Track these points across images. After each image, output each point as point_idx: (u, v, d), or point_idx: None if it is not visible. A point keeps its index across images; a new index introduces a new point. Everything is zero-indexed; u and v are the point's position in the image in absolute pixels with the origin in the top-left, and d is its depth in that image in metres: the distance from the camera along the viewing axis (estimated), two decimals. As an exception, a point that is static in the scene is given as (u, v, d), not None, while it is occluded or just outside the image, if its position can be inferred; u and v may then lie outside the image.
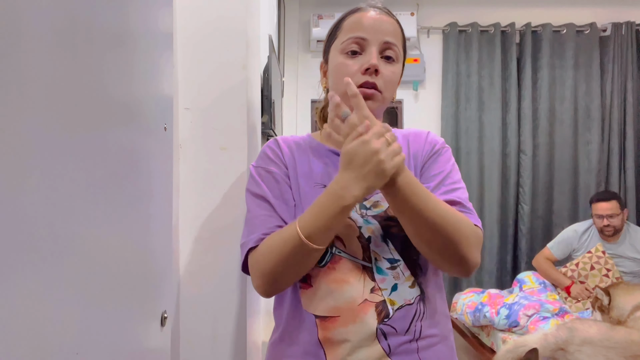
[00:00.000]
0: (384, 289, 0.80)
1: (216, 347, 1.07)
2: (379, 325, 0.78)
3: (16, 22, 0.39)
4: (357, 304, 0.79)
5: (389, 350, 0.78)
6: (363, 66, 0.83)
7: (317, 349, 0.80)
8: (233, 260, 1.07)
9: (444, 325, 0.85)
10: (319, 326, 0.80)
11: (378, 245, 0.82)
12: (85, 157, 0.51)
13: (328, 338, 0.79)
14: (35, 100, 0.42)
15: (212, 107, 1.08)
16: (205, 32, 1.08)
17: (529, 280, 2.65)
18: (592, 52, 3.27)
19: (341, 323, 0.79)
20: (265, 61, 1.63)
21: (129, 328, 0.65)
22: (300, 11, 3.29)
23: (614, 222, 2.59)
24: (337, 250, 0.81)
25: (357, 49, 0.85)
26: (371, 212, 0.84)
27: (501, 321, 2.33)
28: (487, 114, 3.27)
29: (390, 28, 0.86)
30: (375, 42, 0.84)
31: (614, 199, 2.61)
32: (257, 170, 0.90)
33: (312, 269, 0.81)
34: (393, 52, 0.86)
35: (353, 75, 0.83)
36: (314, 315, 0.81)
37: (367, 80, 0.83)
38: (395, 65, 0.87)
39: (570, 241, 2.71)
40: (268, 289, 0.81)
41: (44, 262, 0.44)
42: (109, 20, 0.57)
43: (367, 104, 0.82)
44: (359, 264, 0.81)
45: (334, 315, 0.79)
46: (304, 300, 0.83)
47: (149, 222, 0.74)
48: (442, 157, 0.89)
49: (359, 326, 0.78)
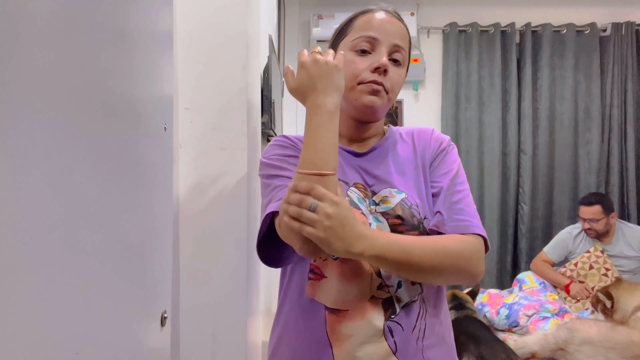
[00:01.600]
0: (391, 286, 0.81)
1: (216, 347, 1.07)
2: (386, 322, 0.79)
3: (16, 22, 0.39)
4: (366, 300, 0.79)
5: (395, 349, 0.79)
6: (373, 65, 0.84)
7: (324, 342, 0.80)
8: (233, 260, 1.07)
9: (445, 325, 0.87)
10: (328, 319, 0.81)
11: None
12: (85, 157, 0.51)
13: (336, 331, 0.80)
14: (35, 100, 0.42)
15: (212, 107, 1.08)
16: (205, 32, 1.08)
17: (529, 280, 2.65)
18: (592, 52, 3.27)
19: (349, 317, 0.79)
20: (265, 61, 1.63)
21: (129, 328, 0.65)
22: (300, 11, 3.29)
23: (595, 227, 2.60)
24: None
25: (367, 47, 0.86)
26: (380, 209, 0.84)
27: (501, 321, 2.33)
28: (487, 114, 3.27)
29: (400, 32, 0.88)
30: (385, 43, 0.85)
31: (597, 204, 2.60)
32: (268, 158, 0.88)
33: (325, 260, 0.81)
34: (401, 56, 0.87)
35: (361, 73, 0.84)
36: (324, 306, 0.81)
37: (375, 79, 0.84)
38: (401, 68, 0.88)
39: (566, 243, 2.73)
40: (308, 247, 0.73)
41: (44, 262, 0.44)
42: (109, 20, 0.57)
43: (373, 100, 0.84)
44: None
45: (343, 309, 0.80)
46: (313, 290, 0.82)
47: (148, 222, 0.74)
48: (449, 156, 0.89)
49: (366, 322, 0.79)
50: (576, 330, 1.74)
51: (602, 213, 2.59)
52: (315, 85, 0.76)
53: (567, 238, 2.73)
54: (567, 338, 1.73)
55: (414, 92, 3.36)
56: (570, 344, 1.71)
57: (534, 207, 3.26)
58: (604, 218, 2.58)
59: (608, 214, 2.59)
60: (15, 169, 0.39)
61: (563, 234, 2.77)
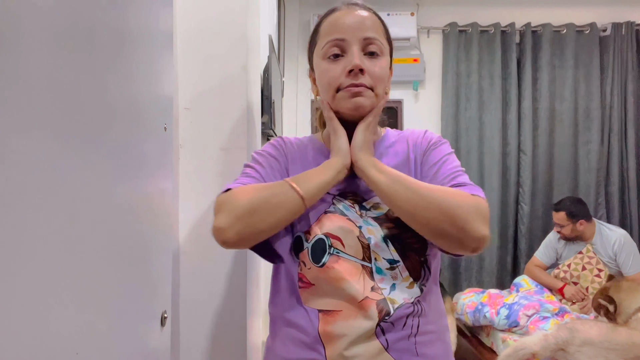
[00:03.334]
0: (384, 288, 0.80)
1: (216, 347, 1.07)
2: (380, 323, 0.78)
3: (16, 22, 0.39)
4: (359, 301, 0.79)
5: (387, 345, 0.78)
6: (346, 68, 0.81)
7: (317, 342, 0.80)
8: (233, 260, 1.07)
9: (440, 323, 0.86)
10: (321, 319, 0.80)
11: (378, 245, 0.81)
12: (85, 157, 0.51)
13: (328, 332, 0.79)
14: (35, 101, 0.42)
15: (212, 107, 1.08)
16: (205, 32, 1.08)
17: (525, 283, 2.66)
18: (592, 52, 3.27)
19: (342, 317, 0.79)
20: (265, 61, 1.63)
21: (129, 328, 0.65)
22: (300, 11, 3.29)
23: (562, 231, 2.64)
24: (335, 251, 0.81)
25: (338, 51, 0.83)
26: (371, 214, 0.84)
27: (501, 321, 2.33)
28: (487, 113, 3.27)
29: (368, 23, 0.84)
30: (355, 41, 0.82)
31: (562, 210, 2.63)
32: (257, 152, 0.91)
33: (310, 269, 0.81)
34: (376, 47, 0.84)
35: (338, 79, 0.82)
36: (317, 310, 0.81)
37: (352, 82, 0.82)
38: (381, 59, 0.84)
39: (554, 245, 2.75)
40: (242, 228, 0.74)
41: (44, 262, 0.44)
42: (109, 20, 0.57)
43: (357, 101, 0.83)
44: (357, 263, 0.81)
45: (337, 310, 0.80)
46: (304, 297, 0.83)
47: (149, 222, 0.74)
48: (437, 149, 0.88)
49: (359, 322, 0.78)
50: (577, 331, 1.74)
51: (567, 220, 2.62)
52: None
53: (554, 239, 2.75)
54: (568, 338, 1.72)
55: (414, 92, 3.36)
56: (571, 344, 1.71)
57: (533, 207, 3.26)
58: (569, 224, 2.61)
59: (575, 220, 2.60)
60: (15, 169, 0.39)
61: (550, 236, 2.80)
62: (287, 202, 0.76)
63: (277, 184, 0.79)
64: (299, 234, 0.84)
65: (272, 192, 0.77)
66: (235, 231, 0.74)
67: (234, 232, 0.74)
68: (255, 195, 0.76)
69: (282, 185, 0.78)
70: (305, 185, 0.77)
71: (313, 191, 0.78)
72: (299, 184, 0.77)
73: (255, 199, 0.76)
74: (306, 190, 0.77)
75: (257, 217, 0.75)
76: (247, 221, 0.74)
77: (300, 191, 0.76)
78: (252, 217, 0.75)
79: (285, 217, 0.77)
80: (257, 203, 0.75)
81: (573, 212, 2.61)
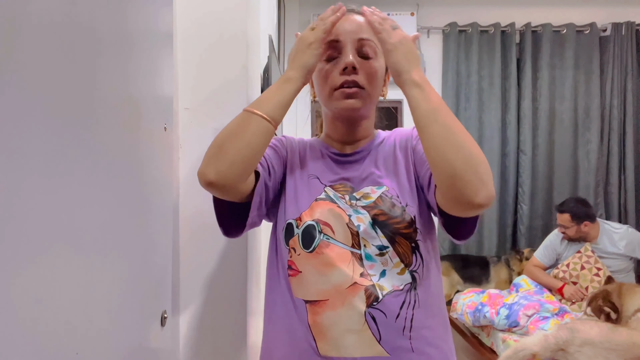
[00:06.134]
0: (373, 275, 0.80)
1: (216, 347, 1.07)
2: (368, 309, 0.78)
3: (16, 22, 0.39)
4: (346, 287, 0.79)
5: (380, 337, 0.78)
6: (340, 67, 0.84)
7: (308, 335, 0.80)
8: (233, 260, 1.07)
9: (441, 323, 0.84)
10: (309, 311, 0.81)
11: (367, 232, 0.82)
12: (85, 157, 0.51)
13: (317, 323, 0.80)
14: (35, 100, 0.42)
15: (212, 107, 1.08)
16: (205, 32, 1.08)
17: (524, 283, 2.66)
18: (592, 52, 3.27)
19: (330, 306, 0.79)
20: (265, 61, 1.63)
21: (129, 328, 0.65)
22: (300, 11, 3.29)
23: (567, 232, 2.66)
24: (325, 237, 0.82)
25: (334, 53, 0.86)
26: (361, 203, 0.85)
27: (501, 321, 2.33)
28: (487, 113, 3.27)
29: (362, 25, 0.86)
30: (349, 42, 0.85)
31: (567, 212, 2.64)
32: None
33: (300, 255, 0.82)
34: (370, 48, 0.86)
35: (333, 78, 0.85)
36: (303, 300, 0.81)
37: (345, 80, 0.84)
38: (375, 60, 0.87)
39: (554, 245, 2.75)
40: (216, 163, 0.76)
41: (44, 262, 0.44)
42: (109, 20, 0.57)
43: (349, 103, 0.85)
44: (347, 250, 0.81)
45: (323, 299, 0.80)
46: (293, 287, 0.83)
47: (149, 222, 0.74)
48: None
49: (347, 309, 0.78)
50: (577, 331, 1.74)
51: (571, 221, 2.63)
52: (290, 59, 0.85)
53: (555, 240, 2.75)
54: (568, 338, 1.72)
55: (413, 92, 3.36)
56: (571, 344, 1.71)
57: (533, 207, 3.27)
58: (574, 226, 2.62)
59: (579, 222, 2.61)
60: (15, 169, 0.39)
61: (551, 237, 2.80)
62: (251, 125, 0.78)
63: (238, 116, 0.81)
64: (290, 220, 0.85)
65: (235, 122, 0.80)
66: (212, 169, 0.76)
67: (211, 170, 0.76)
68: (221, 132, 0.79)
69: (241, 114, 0.80)
70: (264, 106, 0.80)
71: (271, 107, 0.80)
72: (258, 108, 0.79)
73: (221, 135, 0.79)
74: (267, 111, 0.79)
75: (226, 148, 0.76)
76: (219, 155, 0.76)
77: (258, 112, 0.78)
78: (222, 150, 0.77)
79: (253, 140, 0.78)
80: (223, 136, 0.78)
81: (577, 214, 2.62)
